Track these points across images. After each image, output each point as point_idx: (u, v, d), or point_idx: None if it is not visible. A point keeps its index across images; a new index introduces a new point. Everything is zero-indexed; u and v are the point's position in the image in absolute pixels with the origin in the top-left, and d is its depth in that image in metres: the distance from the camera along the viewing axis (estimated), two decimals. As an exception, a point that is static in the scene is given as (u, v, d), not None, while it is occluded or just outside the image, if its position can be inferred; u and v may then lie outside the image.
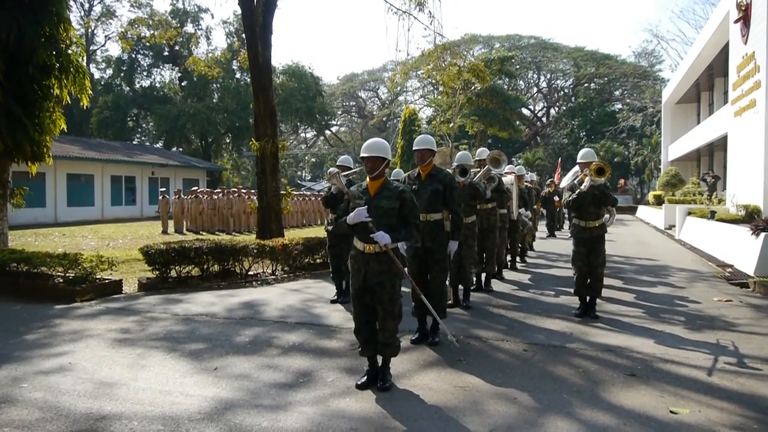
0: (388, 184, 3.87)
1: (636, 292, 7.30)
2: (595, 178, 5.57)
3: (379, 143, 3.87)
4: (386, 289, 3.73)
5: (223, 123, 40.94)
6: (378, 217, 3.73)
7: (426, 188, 4.84)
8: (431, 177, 4.89)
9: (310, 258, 8.94)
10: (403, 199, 3.81)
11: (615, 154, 41.03)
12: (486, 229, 7.11)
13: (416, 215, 3.90)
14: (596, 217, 5.78)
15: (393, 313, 3.78)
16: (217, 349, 4.74)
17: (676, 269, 9.52)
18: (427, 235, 4.81)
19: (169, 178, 31.15)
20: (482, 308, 6.34)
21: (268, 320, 5.77)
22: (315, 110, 43.42)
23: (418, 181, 4.93)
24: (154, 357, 4.52)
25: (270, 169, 11.29)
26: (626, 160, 42.34)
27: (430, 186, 4.84)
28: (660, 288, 7.66)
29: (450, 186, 4.82)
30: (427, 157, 4.87)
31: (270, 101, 11.38)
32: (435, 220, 4.86)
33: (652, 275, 8.77)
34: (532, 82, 55.27)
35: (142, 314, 6.09)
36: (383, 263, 3.74)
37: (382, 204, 3.78)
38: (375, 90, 63.06)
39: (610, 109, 47.97)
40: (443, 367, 4.23)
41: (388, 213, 3.77)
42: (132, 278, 8.33)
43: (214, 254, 7.97)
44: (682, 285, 7.91)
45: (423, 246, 4.83)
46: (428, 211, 4.83)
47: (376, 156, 3.81)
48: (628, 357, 4.47)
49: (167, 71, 44.22)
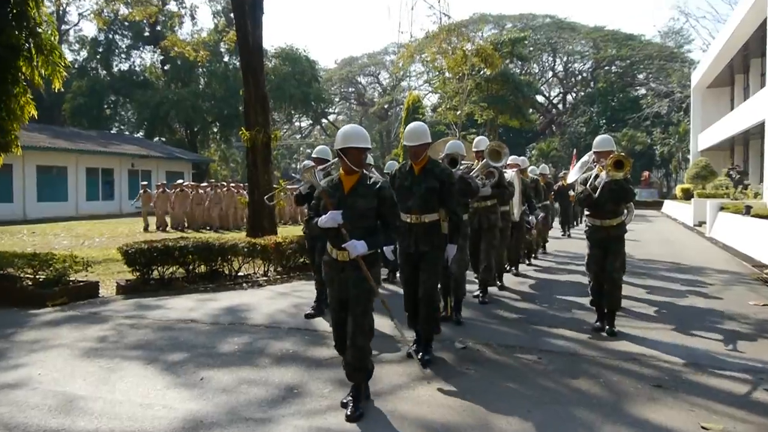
0: (365, 180, 3.65)
1: (662, 295, 7.26)
2: (613, 172, 5.20)
3: (361, 130, 3.68)
4: (361, 300, 3.56)
5: (210, 111, 40.91)
6: (353, 219, 3.51)
7: (420, 185, 4.56)
8: (426, 172, 4.58)
9: (305, 258, 8.90)
10: (382, 197, 3.61)
11: (638, 143, 40.92)
12: (485, 229, 6.69)
13: (396, 214, 3.79)
14: (614, 215, 5.42)
15: (363, 328, 3.56)
16: (203, 358, 4.71)
17: (707, 270, 9.48)
18: (422, 239, 4.55)
19: (150, 171, 31.14)
20: (491, 313, 6.31)
21: (259, 326, 5.74)
22: (310, 97, 43.38)
23: (410, 176, 4.64)
24: (133, 367, 4.49)
25: (261, 161, 11.26)
26: (651, 150, 42.25)
27: (425, 182, 4.54)
28: (689, 291, 7.62)
29: (448, 182, 4.56)
30: (422, 153, 4.58)
31: (261, 87, 11.34)
32: (431, 222, 4.57)
33: (680, 277, 8.73)
34: (547, 66, 55.11)
35: (121, 320, 6.06)
36: (360, 269, 3.56)
37: (357, 204, 3.56)
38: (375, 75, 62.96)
39: (633, 95, 47.80)
40: (448, 378, 4.20)
41: (366, 214, 3.57)
42: (109, 280, 8.31)
43: (200, 254, 7.93)
44: (713, 287, 7.87)
45: (417, 251, 4.58)
46: (423, 211, 4.56)
47: (362, 147, 3.58)
48: (654, 366, 4.43)
49: (148, 54, 44.23)
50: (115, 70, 42.66)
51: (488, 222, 6.71)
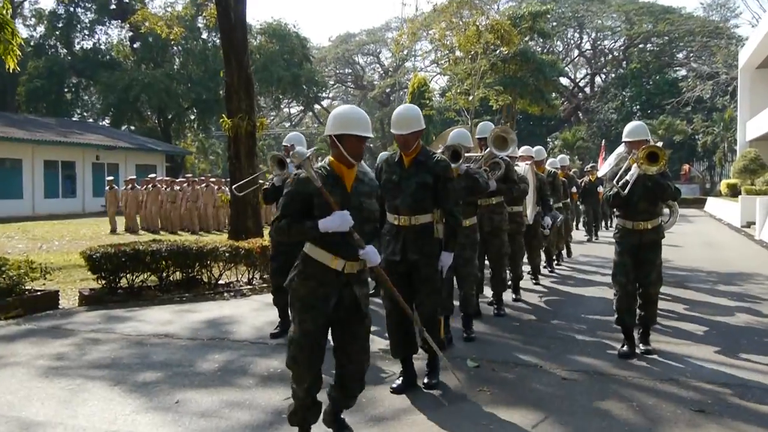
0: (365, 174, 3.51)
1: (704, 309, 7.25)
2: (646, 166, 5.01)
3: (363, 115, 3.52)
4: (365, 321, 3.46)
5: (186, 95, 40.93)
6: (359, 221, 3.33)
7: (410, 179, 4.31)
8: (418, 164, 4.35)
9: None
10: (378, 195, 3.60)
11: (677, 132, 40.91)
12: (489, 232, 6.40)
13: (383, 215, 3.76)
14: (648, 216, 5.23)
15: (368, 355, 3.53)
16: (179, 378, 4.71)
17: (757, 278, 9.47)
18: (412, 245, 4.32)
19: (118, 164, 31.22)
20: (508, 325, 6.31)
21: (243, 342, 5.75)
22: (301, 79, 43.39)
23: (398, 169, 4.40)
24: (99, 389, 4.50)
25: (245, 153, 11.24)
26: (691, 140, 42.23)
27: (417, 177, 4.30)
28: (735, 302, 7.62)
29: (444, 177, 4.31)
30: (413, 143, 4.36)
31: (245, 68, 11.33)
32: (422, 224, 4.34)
33: (725, 289, 8.71)
34: (573, 44, 55.11)
35: (84, 334, 6.06)
36: (364, 286, 3.48)
37: (364, 204, 3.40)
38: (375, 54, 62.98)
39: (671, 77, 47.80)
40: (459, 400, 4.20)
41: (371, 217, 3.46)
42: (71, 289, 8.32)
43: (175, 259, 7.94)
44: (765, 298, 7.86)
45: (405, 259, 4.34)
46: (413, 211, 4.31)
47: (363, 135, 3.41)
48: (696, 388, 4.43)
49: (115, 30, 44.42)
50: (77, 48, 42.72)
51: (491, 224, 6.44)
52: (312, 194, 3.29)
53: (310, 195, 3.29)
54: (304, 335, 3.31)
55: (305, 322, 3.31)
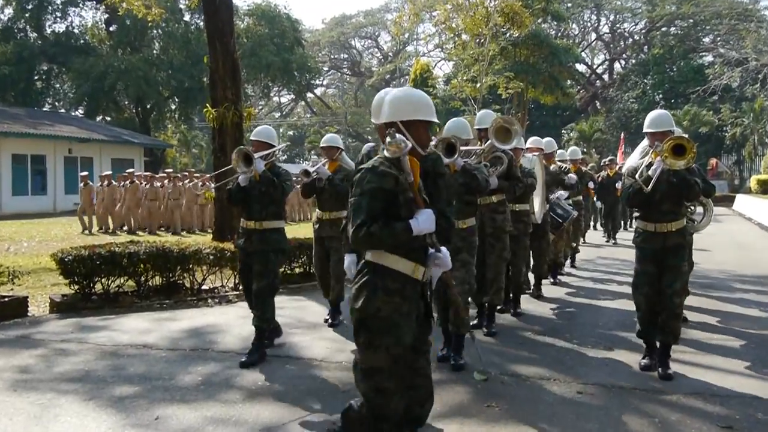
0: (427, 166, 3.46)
1: (733, 314, 7.26)
2: (671, 160, 4.84)
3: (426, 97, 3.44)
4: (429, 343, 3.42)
5: (166, 83, 40.95)
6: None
7: None
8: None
9: (285, 267, 8.91)
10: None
11: (703, 123, 41.00)
12: (491, 234, 6.17)
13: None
14: (673, 217, 5.06)
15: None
16: (158, 392, 4.71)
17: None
18: None
19: (92, 158, 31.19)
20: (518, 335, 6.32)
21: (228, 353, 5.74)
22: (292, 66, 43.38)
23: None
24: (71, 404, 4.49)
25: (231, 146, 11.22)
26: (719, 132, 42.30)
27: None
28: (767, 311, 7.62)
29: (434, 172, 3.90)
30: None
31: (231, 53, 11.36)
32: None
33: (758, 294, 8.71)
34: (590, 27, 55.22)
35: (55, 345, 6.05)
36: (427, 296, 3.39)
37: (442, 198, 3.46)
38: (374, 38, 63.08)
39: (696, 63, 47.87)
40: (466, 416, 4.21)
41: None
42: (42, 295, 8.31)
43: (154, 262, 7.93)
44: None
45: None
46: None
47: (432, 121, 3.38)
48: (723, 403, 4.44)
49: (89, 11, 44.49)
50: (48, 32, 42.71)
51: (493, 224, 6.19)
52: (395, 191, 3.10)
53: (393, 192, 3.10)
54: (394, 361, 3.13)
55: (392, 346, 3.10)
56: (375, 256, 3.17)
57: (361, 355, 3.19)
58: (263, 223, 5.48)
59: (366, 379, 3.17)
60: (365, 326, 3.13)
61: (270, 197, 5.42)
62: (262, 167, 5.31)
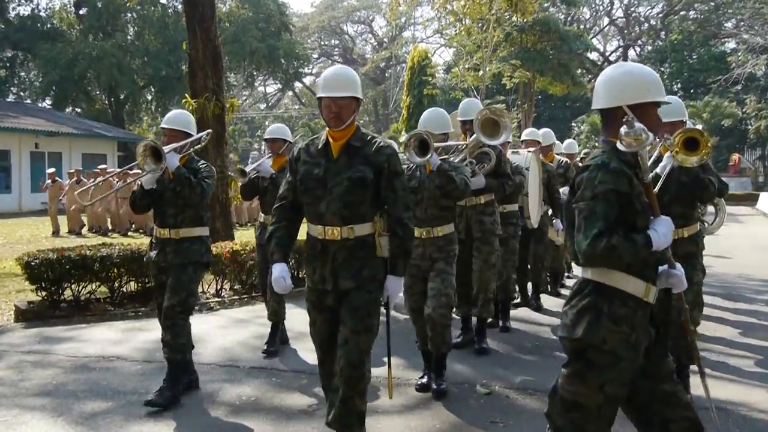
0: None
1: (756, 325, 7.28)
2: (682, 156, 4.46)
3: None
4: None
5: (141, 71, 40.84)
6: None
7: (340, 174, 3.65)
8: (351, 152, 3.70)
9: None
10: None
11: (725, 116, 41.07)
12: (479, 239, 5.86)
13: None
14: (684, 221, 4.77)
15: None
16: (133, 408, 4.70)
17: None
18: (344, 267, 3.65)
19: (61, 154, 31.10)
20: (523, 345, 6.33)
21: (209, 365, 5.74)
22: (279, 52, 43.34)
23: (323, 158, 3.72)
24: (38, 420, 4.49)
25: (212, 139, 11.25)
26: (742, 125, 42.40)
27: (350, 170, 3.64)
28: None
29: (389, 170, 3.69)
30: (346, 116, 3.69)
31: (212, 39, 11.33)
32: (358, 238, 3.68)
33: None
34: (602, 11, 55.30)
35: (20, 356, 6.04)
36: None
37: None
38: (368, 23, 63.03)
39: (717, 50, 47.95)
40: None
41: None
42: (5, 302, 8.32)
43: (129, 266, 7.94)
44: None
45: (335, 286, 3.66)
46: (345, 219, 3.64)
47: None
48: (745, 416, 4.47)
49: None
50: (11, 15, 42.55)
51: (481, 228, 5.87)
52: (630, 194, 2.79)
53: (627, 195, 2.78)
54: (606, 401, 2.81)
55: (610, 383, 2.77)
56: (598, 274, 2.83)
57: (567, 383, 2.84)
58: (179, 231, 4.88)
59: (566, 412, 2.85)
60: (583, 358, 2.81)
61: (186, 200, 4.81)
62: (175, 163, 4.71)
